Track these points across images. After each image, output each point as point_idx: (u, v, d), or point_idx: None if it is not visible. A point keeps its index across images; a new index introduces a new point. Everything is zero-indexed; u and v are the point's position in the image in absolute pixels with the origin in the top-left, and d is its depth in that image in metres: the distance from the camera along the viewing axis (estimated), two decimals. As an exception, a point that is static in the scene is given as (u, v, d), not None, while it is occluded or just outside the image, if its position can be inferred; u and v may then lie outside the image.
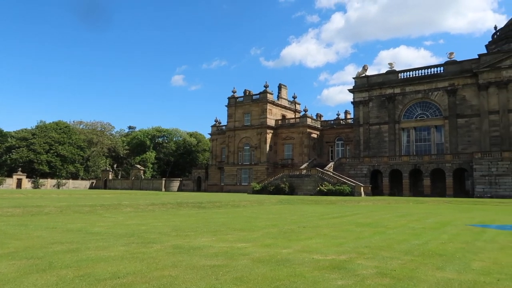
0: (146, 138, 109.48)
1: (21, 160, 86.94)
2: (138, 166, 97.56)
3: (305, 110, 78.33)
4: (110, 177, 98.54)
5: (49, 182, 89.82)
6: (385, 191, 56.96)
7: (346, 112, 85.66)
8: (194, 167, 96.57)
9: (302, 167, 64.78)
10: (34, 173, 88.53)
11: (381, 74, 66.39)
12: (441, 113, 59.13)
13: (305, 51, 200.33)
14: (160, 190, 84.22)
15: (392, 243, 11.22)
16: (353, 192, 51.30)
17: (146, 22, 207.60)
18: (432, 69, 61.41)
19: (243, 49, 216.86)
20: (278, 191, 56.78)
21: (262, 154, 74.25)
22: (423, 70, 62.08)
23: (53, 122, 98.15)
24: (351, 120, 73.37)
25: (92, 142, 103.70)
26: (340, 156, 69.76)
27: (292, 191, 56.79)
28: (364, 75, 66.85)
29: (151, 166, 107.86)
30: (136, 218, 18.73)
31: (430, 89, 59.93)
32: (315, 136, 75.12)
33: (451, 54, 60.07)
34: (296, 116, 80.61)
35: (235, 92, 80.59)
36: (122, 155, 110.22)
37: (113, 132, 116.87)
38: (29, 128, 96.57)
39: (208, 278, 6.88)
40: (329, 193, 51.85)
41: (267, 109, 74.99)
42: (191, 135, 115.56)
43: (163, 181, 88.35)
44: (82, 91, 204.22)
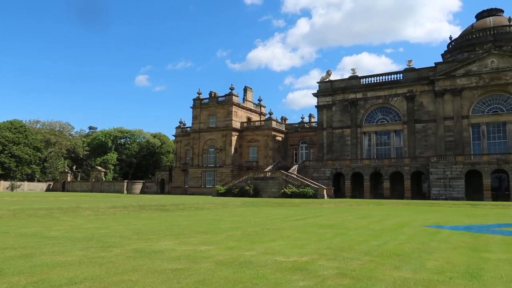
0: (107, 139, 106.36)
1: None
2: (99, 167, 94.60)
3: (270, 113, 78.94)
4: (69, 179, 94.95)
5: (2, 184, 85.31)
6: (347, 193, 58.32)
7: (310, 116, 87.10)
8: (157, 169, 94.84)
9: (266, 169, 65.21)
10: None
11: (344, 79, 68.06)
12: (400, 118, 61.37)
13: (271, 54, 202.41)
14: (122, 192, 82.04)
15: (353, 244, 11.51)
16: (316, 195, 52.15)
17: (110, 19, 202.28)
18: (392, 76, 63.65)
19: (209, 51, 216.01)
20: (242, 193, 56.80)
21: (227, 156, 74.08)
22: (383, 77, 64.22)
23: (7, 121, 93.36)
24: (315, 124, 74.65)
25: (49, 142, 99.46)
26: (304, 159, 70.78)
27: (256, 194, 56.99)
28: (327, 80, 68.26)
29: (113, 168, 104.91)
30: (96, 221, 18.16)
31: (390, 95, 62.07)
32: (280, 139, 75.84)
33: (410, 61, 62.53)
34: (262, 119, 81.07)
35: (201, 93, 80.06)
36: (82, 156, 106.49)
37: (73, 133, 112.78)
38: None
39: (169, 282, 6.78)
40: (293, 195, 52.46)
41: (233, 111, 74.94)
42: (155, 136, 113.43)
43: (125, 184, 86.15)
44: (39, 90, 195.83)
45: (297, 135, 76.84)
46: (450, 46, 67.83)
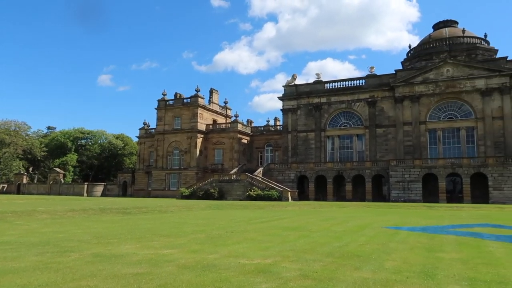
0: (67, 139, 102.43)
1: None
2: (58, 169, 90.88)
3: (236, 116, 78.93)
4: (25, 181, 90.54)
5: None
6: (311, 196, 59.23)
7: (275, 119, 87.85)
8: (120, 171, 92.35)
9: (232, 172, 65.09)
10: None
11: (309, 83, 69.20)
12: (363, 123, 63.14)
13: (238, 57, 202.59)
14: (82, 195, 79.24)
15: (316, 246, 11.71)
16: (280, 197, 52.59)
17: (73, 18, 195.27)
18: (355, 82, 65.42)
19: (175, 52, 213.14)
20: (207, 196, 56.38)
21: (192, 158, 73.33)
22: (347, 82, 65.90)
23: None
24: (280, 127, 75.36)
25: (4, 142, 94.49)
26: (269, 162, 71.26)
27: (221, 196, 56.73)
28: (293, 84, 69.17)
29: (72, 169, 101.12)
30: (53, 225, 17.45)
31: (353, 100, 63.75)
32: (245, 141, 75.97)
33: (371, 68, 64.60)
34: (227, 122, 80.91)
35: (166, 94, 78.82)
36: (39, 158, 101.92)
37: (29, 133, 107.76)
38: None
39: (129, 287, 6.63)
40: (258, 198, 52.63)
41: (198, 113, 74.34)
42: (117, 137, 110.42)
43: (85, 186, 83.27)
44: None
45: (262, 138, 77.28)
46: (409, 54, 70.58)
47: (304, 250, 10.75)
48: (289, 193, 53.79)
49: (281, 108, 68.83)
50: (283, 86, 69.86)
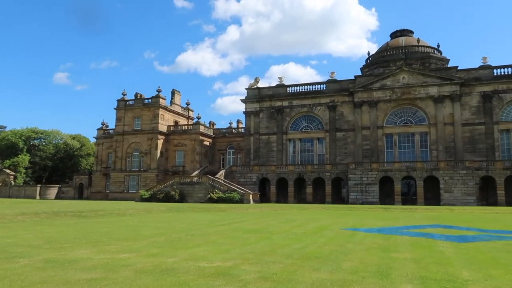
0: (18, 139, 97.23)
1: None
2: (7, 170, 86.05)
3: (198, 117, 78.24)
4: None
5: None
6: (272, 198, 59.69)
7: (238, 122, 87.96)
8: (76, 173, 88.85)
9: (193, 174, 64.37)
10: None
11: (271, 87, 69.84)
12: (323, 127, 64.50)
13: (201, 59, 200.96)
14: (34, 198, 75.46)
15: (276, 248, 11.80)
16: (242, 200, 52.61)
17: (29, 11, 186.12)
18: (316, 86, 66.78)
19: (137, 52, 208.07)
20: (168, 198, 55.44)
21: (152, 160, 71.86)
22: (308, 86, 67.14)
23: None
24: (242, 130, 75.48)
25: None
26: (231, 164, 71.15)
27: (182, 199, 55.98)
28: (256, 86, 69.56)
29: (24, 171, 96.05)
30: (1, 230, 16.50)
31: (314, 104, 65.02)
32: (207, 143, 75.44)
33: (332, 73, 66.20)
34: (189, 123, 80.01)
35: (126, 94, 76.82)
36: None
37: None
38: None
39: (83, 293, 6.38)
40: (219, 200, 52.37)
41: (159, 114, 73.00)
42: (73, 138, 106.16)
43: (38, 188, 79.40)
44: None
45: (225, 140, 77.05)
46: (368, 61, 72.95)
47: (265, 252, 10.80)
48: (250, 195, 53.93)
49: (244, 110, 69.01)
50: (246, 89, 70.10)
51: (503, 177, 50.29)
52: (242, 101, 69.31)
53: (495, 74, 56.91)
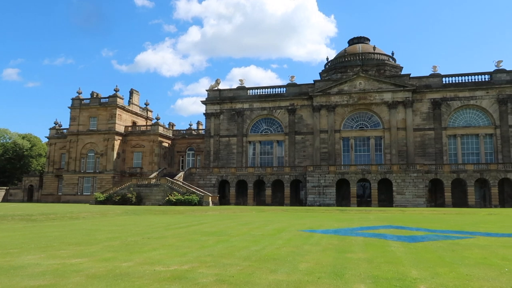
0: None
1: None
2: None
3: (157, 118, 76.77)
4: None
5: None
6: (231, 200, 59.63)
7: (198, 123, 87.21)
8: (25, 174, 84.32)
9: (151, 176, 63.06)
10: None
11: (232, 89, 69.89)
12: (283, 130, 65.38)
13: (161, 59, 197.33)
14: (-22, 201, 70.86)
15: (234, 250, 11.80)
16: (201, 202, 52.20)
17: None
18: (276, 89, 67.61)
19: (94, 49, 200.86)
20: (124, 201, 53.94)
21: (108, 161, 69.62)
22: (269, 89, 67.84)
23: None
24: (203, 131, 74.92)
25: None
26: (190, 166, 70.38)
27: (139, 201, 54.67)
28: (216, 88, 69.33)
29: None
30: None
31: (274, 107, 65.77)
32: (166, 145, 74.17)
33: (292, 77, 67.32)
34: (148, 124, 78.32)
35: (81, 93, 73.99)
36: None
37: None
38: None
39: (30, 301, 6.08)
40: (178, 203, 51.66)
41: (117, 114, 70.91)
42: (23, 137, 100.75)
43: (-18, 190, 74.67)
44: None
45: (184, 141, 76.14)
46: (327, 66, 74.75)
47: (222, 255, 10.78)
48: (210, 197, 53.61)
49: (204, 112, 68.57)
50: (206, 90, 69.69)
51: (450, 180, 53.20)
52: (203, 102, 68.84)
53: (444, 82, 60.19)
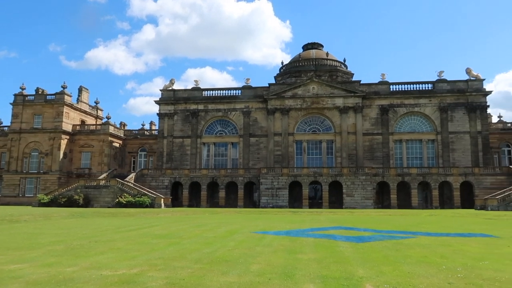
0: None
1: None
2: None
3: (108, 117, 74.14)
4: None
5: None
6: (185, 202, 58.79)
7: (151, 123, 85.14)
8: (-42, 174, 78.11)
9: (100, 177, 60.71)
10: None
11: (187, 89, 69.00)
12: (237, 132, 65.48)
13: (113, 57, 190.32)
14: None
15: (185, 253, 11.66)
16: (153, 204, 51.05)
17: None
18: (232, 91, 67.63)
19: (40, 43, 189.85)
20: (71, 203, 51.54)
21: (54, 162, 66.14)
22: (224, 91, 67.72)
23: None
24: (156, 132, 73.24)
25: None
26: (142, 167, 68.58)
27: (87, 204, 52.48)
28: (171, 88, 68.15)
29: None
30: None
31: (229, 109, 65.74)
32: (117, 145, 71.74)
33: (247, 80, 67.66)
34: (98, 123, 75.33)
35: (25, 89, 69.77)
36: None
37: None
38: None
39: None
40: (128, 205, 50.17)
41: (64, 112, 67.56)
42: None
43: None
44: None
45: (136, 142, 74.07)
46: (282, 70, 75.90)
47: (173, 258, 10.62)
48: (162, 199, 52.55)
49: (158, 112, 67.15)
50: (160, 90, 68.32)
51: (396, 182, 55.85)
52: (156, 102, 67.41)
53: (391, 89, 63.15)
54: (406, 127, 62.46)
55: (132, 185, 55.36)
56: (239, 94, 66.59)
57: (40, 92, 69.75)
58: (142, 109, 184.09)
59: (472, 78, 61.84)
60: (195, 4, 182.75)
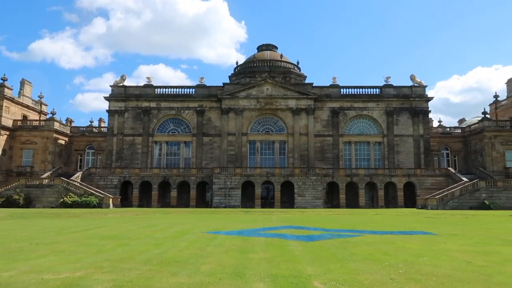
0: None
1: None
2: None
3: (53, 113, 70.38)
4: None
5: None
6: (135, 202, 57.18)
7: (100, 120, 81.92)
8: None
9: (44, 176, 57.54)
10: None
11: (139, 86, 67.17)
12: (191, 131, 64.73)
13: (60, 49, 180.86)
14: None
15: (134, 254, 11.36)
16: (101, 204, 49.23)
17: None
18: (185, 90, 66.73)
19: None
20: (10, 203, 48.39)
21: (-9, 159, 61.76)
22: (178, 89, 66.68)
23: None
24: (105, 129, 70.61)
25: None
26: (90, 166, 65.83)
27: (29, 204, 49.56)
28: (122, 84, 66.01)
29: None
30: None
31: (182, 107, 64.81)
32: (63, 142, 68.30)
33: (202, 79, 67.08)
34: (42, 119, 71.26)
35: (-42, 80, 64.56)
36: None
37: None
38: None
39: None
40: (74, 205, 48.00)
41: (4, 106, 63.24)
42: None
43: None
44: None
45: (84, 139, 70.95)
46: (236, 70, 76.08)
47: (121, 260, 10.31)
48: (110, 199, 50.82)
49: (107, 109, 64.81)
50: (110, 86, 65.99)
51: (345, 183, 57.82)
52: (106, 98, 65.02)
53: (342, 93, 65.31)
54: (355, 129, 64.82)
55: (78, 185, 53.01)
56: (193, 92, 65.87)
57: (-24, 84, 64.77)
58: (91, 105, 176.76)
59: (416, 85, 65.43)
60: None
